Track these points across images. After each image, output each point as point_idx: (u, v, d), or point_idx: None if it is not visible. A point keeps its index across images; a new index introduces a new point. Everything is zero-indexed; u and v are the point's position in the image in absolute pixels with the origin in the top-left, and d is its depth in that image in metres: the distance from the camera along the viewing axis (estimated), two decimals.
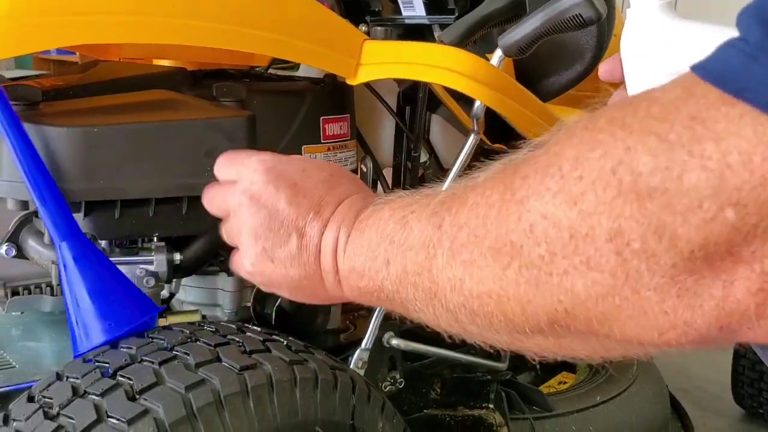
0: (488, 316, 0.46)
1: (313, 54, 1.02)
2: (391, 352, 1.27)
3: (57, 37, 0.85)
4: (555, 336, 0.45)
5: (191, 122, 0.97)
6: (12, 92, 0.92)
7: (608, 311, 0.40)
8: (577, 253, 0.40)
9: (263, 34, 0.97)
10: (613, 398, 1.49)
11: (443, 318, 0.50)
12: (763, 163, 0.34)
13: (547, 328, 0.44)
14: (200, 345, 0.83)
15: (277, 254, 0.61)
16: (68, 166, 0.91)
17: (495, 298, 0.44)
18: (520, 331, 0.45)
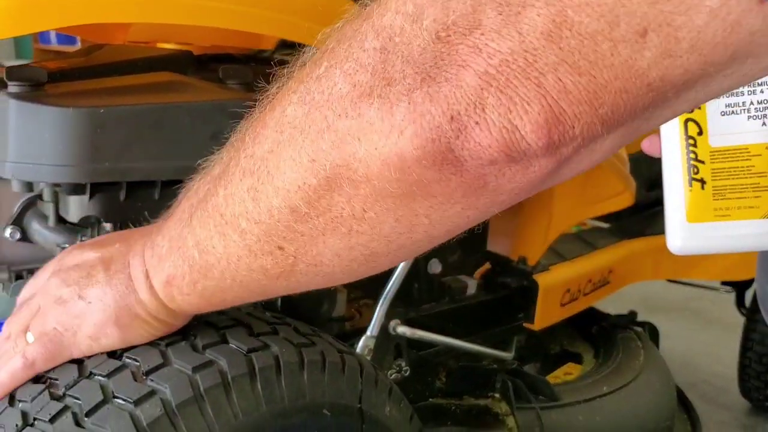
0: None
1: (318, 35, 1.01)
2: (396, 339, 1.27)
3: (63, 15, 0.84)
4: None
5: (197, 104, 0.96)
6: (17, 73, 0.92)
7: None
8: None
9: (271, 14, 0.96)
10: (619, 389, 1.48)
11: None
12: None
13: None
14: (207, 327, 0.82)
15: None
16: (73, 146, 0.90)
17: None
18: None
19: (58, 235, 1.01)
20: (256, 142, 0.50)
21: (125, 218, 0.99)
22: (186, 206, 0.62)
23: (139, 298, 0.67)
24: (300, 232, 0.49)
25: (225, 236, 0.54)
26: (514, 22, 0.35)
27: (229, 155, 0.57)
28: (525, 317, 1.51)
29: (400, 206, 0.44)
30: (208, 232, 0.56)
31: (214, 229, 0.55)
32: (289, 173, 0.46)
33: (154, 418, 0.70)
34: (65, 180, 0.91)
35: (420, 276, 1.36)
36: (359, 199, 0.44)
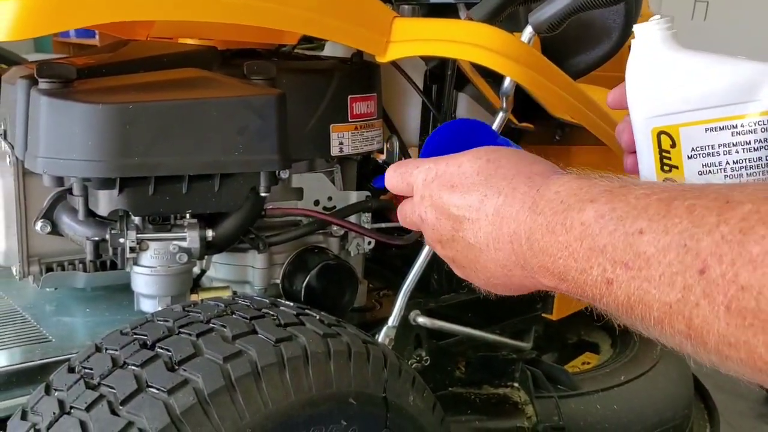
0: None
1: (344, 31, 1.02)
2: (417, 330, 1.28)
3: (92, 14, 0.86)
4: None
5: (223, 100, 0.98)
6: (47, 70, 0.94)
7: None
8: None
9: (294, 11, 0.97)
10: (637, 378, 1.49)
11: (694, 353, 0.45)
12: None
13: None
14: (236, 318, 0.84)
15: (462, 262, 0.63)
16: (103, 142, 0.92)
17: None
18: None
19: (88, 229, 1.03)
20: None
21: (154, 212, 1.01)
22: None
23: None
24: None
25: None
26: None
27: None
28: (543, 308, 1.52)
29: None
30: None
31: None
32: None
33: (188, 407, 0.73)
34: (95, 175, 0.93)
35: (439, 267, 1.38)
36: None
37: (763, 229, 0.40)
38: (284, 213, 1.16)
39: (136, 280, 1.05)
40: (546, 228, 0.53)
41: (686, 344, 0.45)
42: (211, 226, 1.05)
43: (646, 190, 0.48)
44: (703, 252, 0.42)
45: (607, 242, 0.48)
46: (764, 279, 0.39)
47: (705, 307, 0.42)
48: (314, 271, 1.15)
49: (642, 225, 0.46)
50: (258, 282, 1.17)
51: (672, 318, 0.44)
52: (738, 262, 0.40)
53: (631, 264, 0.46)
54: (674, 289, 0.43)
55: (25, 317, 1.12)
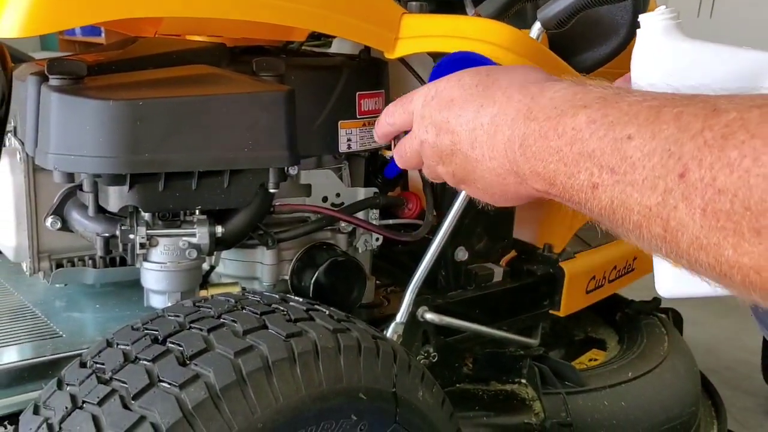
0: (747, 284, 0.43)
1: (353, 27, 1.02)
2: (424, 326, 1.29)
3: (101, 10, 0.86)
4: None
5: (233, 96, 0.98)
6: (58, 66, 0.94)
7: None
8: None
9: (303, 7, 0.98)
10: (644, 374, 1.49)
11: (669, 258, 0.47)
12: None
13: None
14: (246, 313, 0.85)
15: (461, 175, 0.65)
16: (114, 138, 0.92)
17: (766, 276, 0.41)
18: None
19: (98, 225, 1.04)
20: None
21: (164, 208, 1.01)
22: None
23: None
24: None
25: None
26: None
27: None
28: (551, 304, 1.52)
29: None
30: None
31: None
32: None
33: (199, 401, 0.73)
34: (105, 171, 0.93)
35: (447, 263, 1.38)
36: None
37: (744, 135, 0.42)
38: (293, 209, 1.16)
39: (145, 276, 1.06)
40: (539, 133, 0.55)
41: (661, 247, 0.47)
42: (221, 222, 1.05)
43: (638, 97, 0.50)
44: (685, 156, 0.44)
45: (596, 147, 0.50)
46: (740, 182, 0.41)
47: (682, 210, 0.44)
48: (323, 267, 1.15)
49: (631, 131, 0.48)
50: (267, 278, 1.18)
51: (650, 221, 0.46)
52: (716, 165, 0.42)
53: (617, 168, 0.48)
54: (655, 192, 0.45)
55: (35, 313, 1.12)
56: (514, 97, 0.59)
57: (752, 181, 0.40)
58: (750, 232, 0.41)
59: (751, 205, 0.40)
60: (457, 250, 1.39)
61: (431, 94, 0.68)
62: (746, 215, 0.41)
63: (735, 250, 0.42)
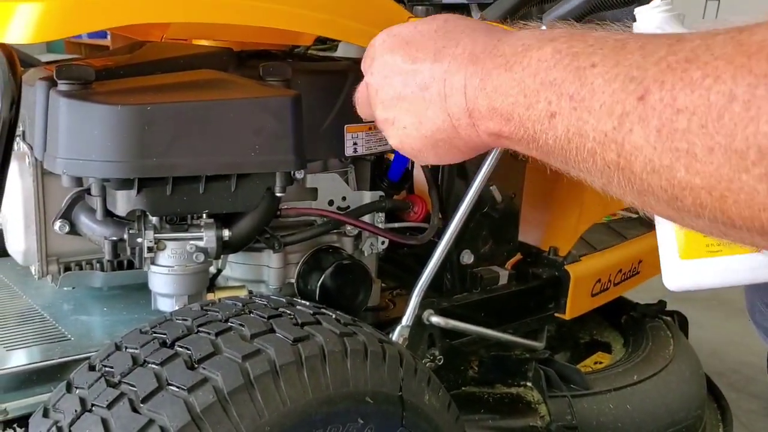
0: (698, 206, 0.43)
1: (360, 33, 1.03)
2: (430, 329, 1.29)
3: (111, 17, 0.87)
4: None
5: (240, 101, 0.99)
6: (67, 72, 0.95)
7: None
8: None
9: (310, 13, 0.98)
10: (650, 377, 1.49)
11: (620, 188, 0.47)
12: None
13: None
14: (254, 317, 0.85)
15: (407, 119, 0.63)
16: (122, 143, 0.92)
17: (716, 196, 0.41)
18: (732, 226, 0.42)
19: (106, 228, 1.05)
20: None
21: (171, 212, 1.02)
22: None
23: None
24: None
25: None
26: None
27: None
28: (556, 307, 1.52)
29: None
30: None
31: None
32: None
33: (207, 405, 0.74)
34: (114, 175, 0.94)
35: (452, 267, 1.39)
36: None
37: (707, 56, 0.42)
38: (299, 213, 1.17)
39: (153, 280, 1.06)
40: (504, 66, 0.55)
41: (613, 176, 0.47)
42: (228, 226, 1.06)
43: (604, 33, 0.51)
44: (647, 80, 0.44)
45: (558, 76, 0.50)
46: (699, 100, 0.41)
47: (638, 133, 0.44)
48: (329, 270, 1.16)
49: (595, 59, 0.48)
50: (273, 281, 1.18)
51: (605, 147, 0.46)
52: (678, 86, 0.43)
53: (575, 95, 0.48)
54: (612, 116, 0.45)
55: (43, 316, 1.13)
56: (480, 39, 0.59)
57: (712, 98, 0.41)
58: (703, 151, 0.41)
59: (707, 122, 0.41)
60: (462, 254, 1.39)
61: (386, 36, 0.67)
62: (701, 133, 0.41)
63: (687, 170, 0.42)
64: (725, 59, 0.41)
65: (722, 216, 0.42)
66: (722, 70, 0.41)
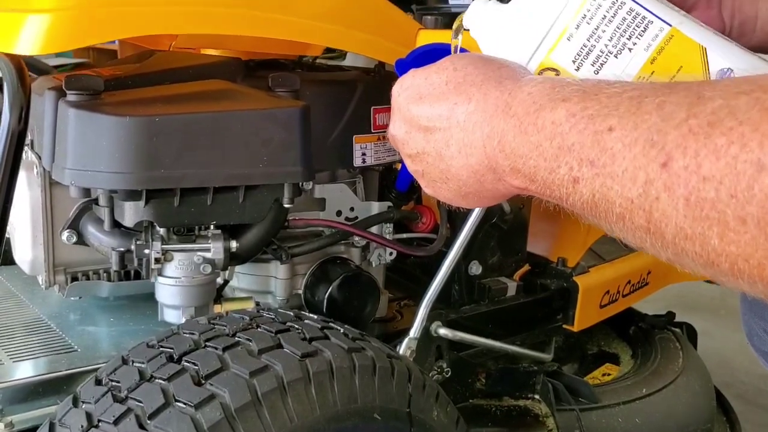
0: (735, 272, 0.42)
1: (369, 44, 1.03)
2: (438, 341, 1.28)
3: (124, 28, 0.87)
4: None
5: (248, 112, 0.98)
6: (76, 82, 0.94)
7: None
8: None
9: (319, 24, 0.98)
10: (659, 391, 1.48)
11: (654, 250, 0.47)
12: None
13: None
14: (262, 332, 0.84)
15: (434, 173, 0.63)
16: (130, 154, 0.92)
17: (754, 264, 0.40)
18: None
19: (113, 239, 1.04)
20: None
21: (179, 223, 1.01)
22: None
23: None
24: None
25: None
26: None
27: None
28: (564, 319, 1.51)
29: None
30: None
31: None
32: None
33: (215, 422, 0.73)
34: (122, 187, 0.94)
35: (460, 278, 1.38)
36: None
37: (732, 121, 0.41)
38: (307, 224, 1.16)
39: (160, 291, 1.06)
40: (518, 128, 0.54)
41: (646, 239, 0.46)
42: (235, 237, 1.05)
43: (618, 88, 0.50)
44: (669, 145, 0.43)
45: (575, 140, 0.49)
46: (726, 169, 0.40)
47: (665, 201, 0.43)
48: (336, 282, 1.15)
49: (612, 122, 0.47)
50: (280, 292, 1.18)
51: (633, 213, 0.45)
52: (702, 152, 0.41)
53: (596, 161, 0.47)
54: (636, 183, 0.44)
55: (50, 326, 1.13)
56: (491, 94, 0.58)
57: (739, 167, 0.40)
58: (735, 221, 0.40)
59: (737, 192, 0.40)
60: (470, 265, 1.38)
61: (398, 88, 0.66)
62: (731, 203, 0.40)
63: (721, 239, 0.41)
64: (751, 125, 0.40)
65: (762, 282, 0.41)
66: (749, 138, 0.40)
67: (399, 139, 0.67)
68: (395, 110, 0.67)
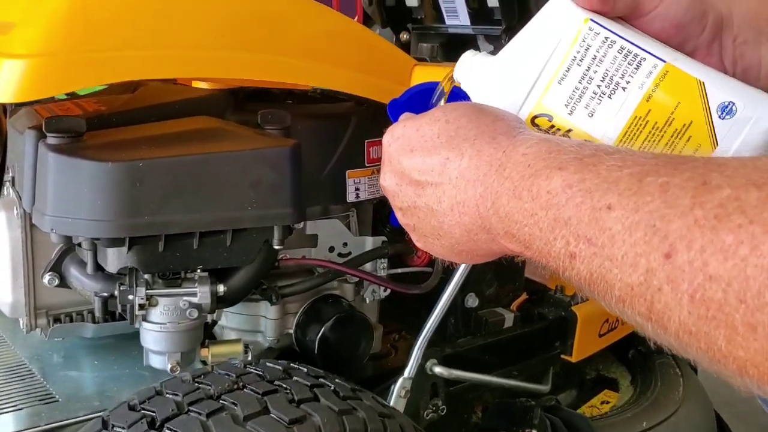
0: (743, 373, 0.39)
1: (362, 83, 0.99)
2: (433, 379, 1.25)
3: (105, 74, 0.83)
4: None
5: (236, 154, 0.95)
6: (56, 124, 0.91)
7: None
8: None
9: (309, 64, 0.94)
10: (659, 424, 1.45)
11: (657, 338, 0.43)
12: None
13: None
14: (248, 393, 0.81)
15: (426, 228, 0.61)
16: (112, 201, 0.89)
17: (764, 370, 0.38)
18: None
19: (96, 283, 1.01)
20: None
21: (164, 268, 0.98)
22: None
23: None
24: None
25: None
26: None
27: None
28: (563, 348, 1.48)
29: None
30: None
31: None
32: None
33: None
34: (103, 235, 0.90)
35: (457, 311, 1.34)
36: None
37: (741, 218, 0.38)
38: (298, 264, 1.13)
39: (145, 336, 1.02)
40: (512, 193, 0.51)
41: (647, 326, 0.43)
42: (223, 279, 1.01)
43: (617, 161, 0.47)
44: (672, 235, 0.40)
45: (572, 214, 0.46)
46: (735, 271, 0.37)
47: (668, 293, 0.40)
48: (328, 323, 1.12)
49: (611, 200, 0.44)
50: (270, 333, 1.14)
51: (633, 299, 0.43)
52: (708, 249, 0.38)
53: (594, 240, 0.44)
54: (637, 271, 0.42)
55: (31, 371, 1.09)
56: (485, 151, 0.55)
57: (750, 271, 0.37)
58: (744, 327, 0.37)
59: (747, 298, 0.37)
60: (467, 297, 1.35)
61: (388, 138, 0.63)
62: (740, 308, 0.37)
63: (728, 342, 0.38)
64: (762, 226, 0.37)
65: (759, 380, 0.38)
66: (759, 240, 0.36)
67: (389, 191, 0.64)
68: (386, 161, 0.64)
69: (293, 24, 0.94)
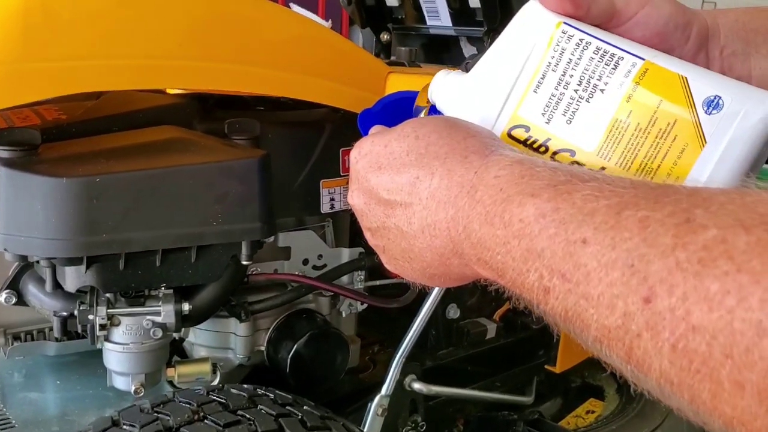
0: (728, 428, 0.36)
1: (335, 92, 0.94)
2: (412, 395, 1.21)
3: (60, 85, 0.78)
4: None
5: (200, 167, 0.90)
6: (9, 137, 0.86)
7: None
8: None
9: (280, 74, 0.89)
10: None
11: (638, 383, 0.40)
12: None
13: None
14: (208, 426, 0.77)
15: (396, 251, 0.57)
16: (68, 219, 0.84)
17: (751, 429, 0.34)
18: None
19: (56, 301, 0.96)
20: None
21: (125, 287, 0.93)
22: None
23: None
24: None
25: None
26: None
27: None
28: (546, 358, 1.44)
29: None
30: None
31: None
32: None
33: None
34: (59, 255, 0.85)
35: (438, 322, 1.30)
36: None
37: (727, 265, 0.34)
38: (269, 279, 1.08)
39: (107, 357, 0.97)
40: (484, 218, 0.48)
41: (626, 369, 0.40)
42: (188, 297, 0.97)
43: (594, 190, 0.43)
44: (652, 277, 0.37)
45: (545, 246, 0.43)
46: (720, 323, 0.34)
47: (647, 340, 0.37)
48: (302, 340, 1.07)
49: (586, 234, 0.41)
50: (241, 350, 1.10)
51: (611, 342, 0.39)
52: (692, 297, 0.35)
53: (568, 276, 0.41)
54: (614, 313, 0.39)
55: None
56: (456, 171, 0.52)
57: (737, 325, 0.33)
58: (731, 384, 0.34)
59: (733, 353, 0.33)
60: (448, 308, 1.31)
61: (356, 153, 0.60)
62: (727, 363, 0.34)
63: (714, 396, 0.35)
64: (750, 275, 0.33)
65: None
66: (748, 291, 0.32)
67: (357, 209, 0.60)
68: (353, 178, 0.61)
69: (261, 32, 0.89)
